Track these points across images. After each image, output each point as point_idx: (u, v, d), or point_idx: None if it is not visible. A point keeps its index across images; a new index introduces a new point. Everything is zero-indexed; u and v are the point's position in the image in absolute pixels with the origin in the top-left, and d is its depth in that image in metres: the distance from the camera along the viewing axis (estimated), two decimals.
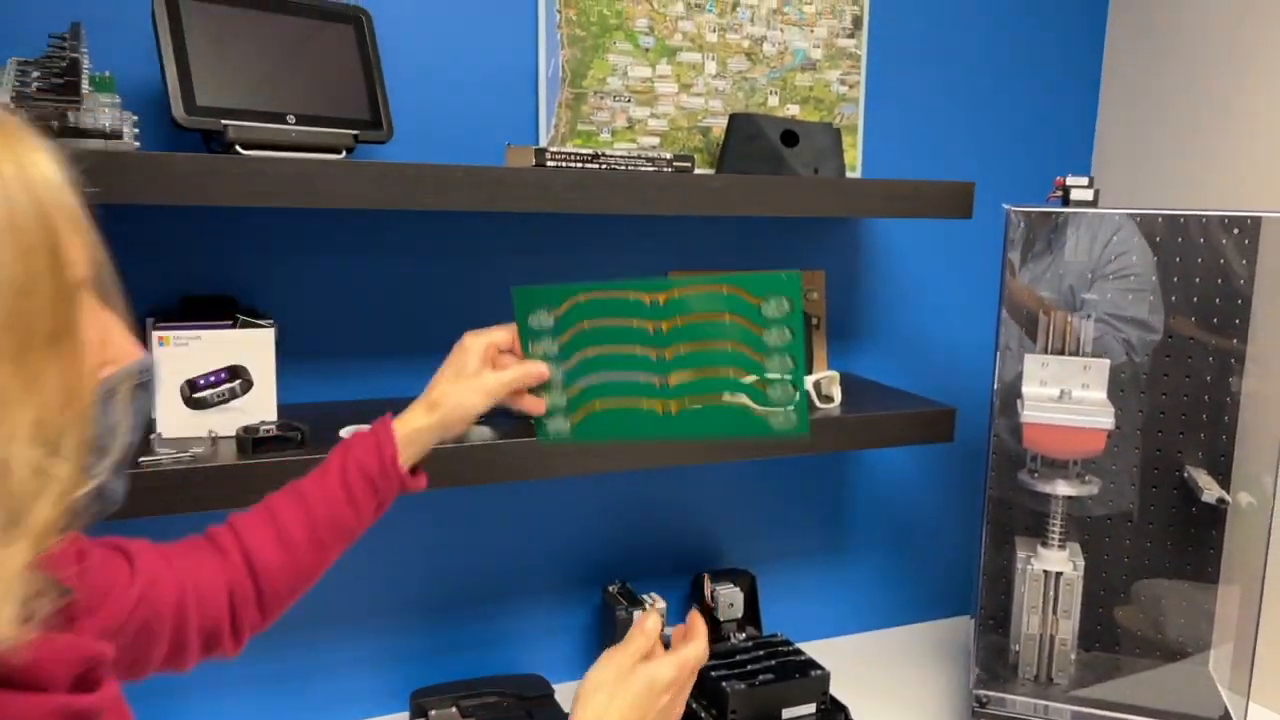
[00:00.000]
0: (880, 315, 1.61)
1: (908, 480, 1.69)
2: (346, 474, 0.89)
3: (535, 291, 0.94)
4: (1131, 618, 1.41)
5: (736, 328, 0.90)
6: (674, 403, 0.93)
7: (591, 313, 0.93)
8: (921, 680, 1.53)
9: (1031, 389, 1.27)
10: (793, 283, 0.89)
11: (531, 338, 0.94)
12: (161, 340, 1.06)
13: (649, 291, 0.92)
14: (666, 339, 0.92)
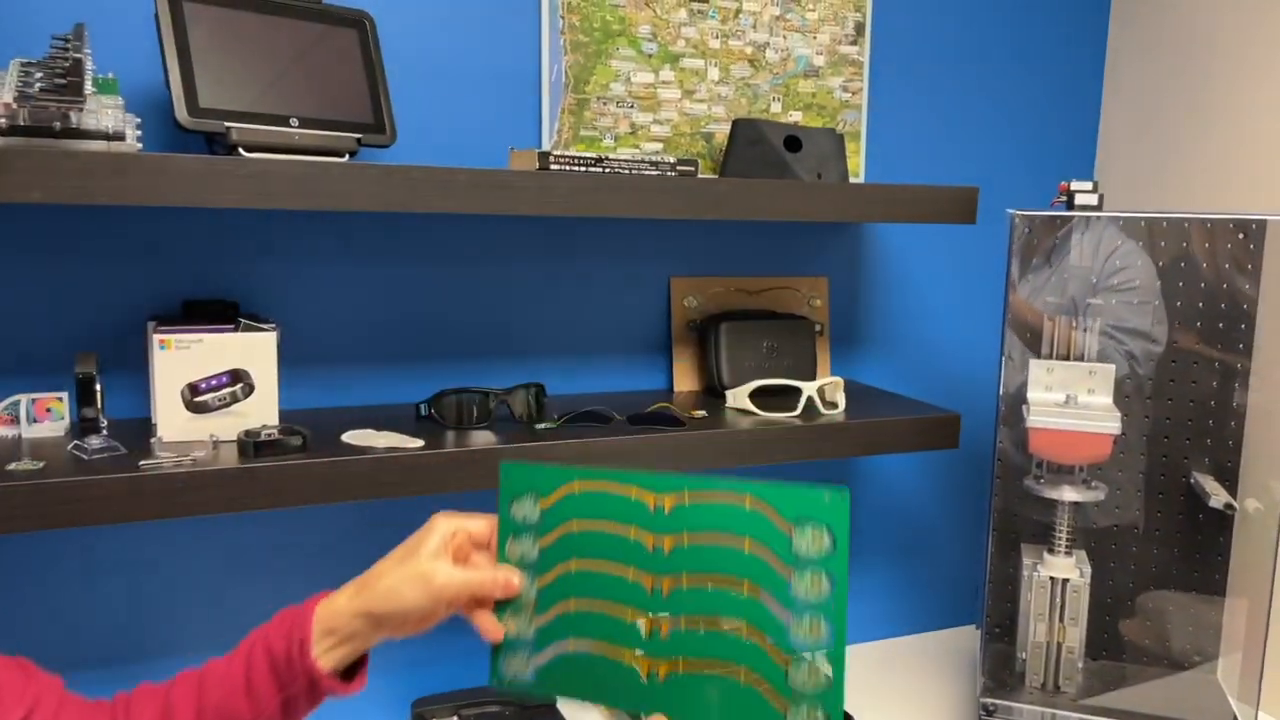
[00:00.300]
0: (883, 322, 1.61)
1: (912, 489, 1.68)
2: (252, 656, 0.75)
3: (526, 471, 0.80)
4: (1138, 626, 1.39)
5: (757, 564, 0.72)
6: (663, 663, 0.73)
7: (584, 510, 0.77)
8: (928, 689, 1.51)
9: (1037, 394, 1.26)
10: (838, 506, 0.70)
11: (512, 532, 0.79)
12: (163, 343, 1.05)
13: (655, 491, 0.76)
14: (667, 563, 0.74)
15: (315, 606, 0.76)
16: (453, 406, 1.19)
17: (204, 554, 1.25)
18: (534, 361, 1.38)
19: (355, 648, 0.76)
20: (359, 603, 0.74)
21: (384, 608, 0.74)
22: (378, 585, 0.74)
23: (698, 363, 1.47)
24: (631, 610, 0.75)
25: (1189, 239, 1.30)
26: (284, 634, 0.75)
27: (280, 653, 0.74)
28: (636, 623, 0.75)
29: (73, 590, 1.20)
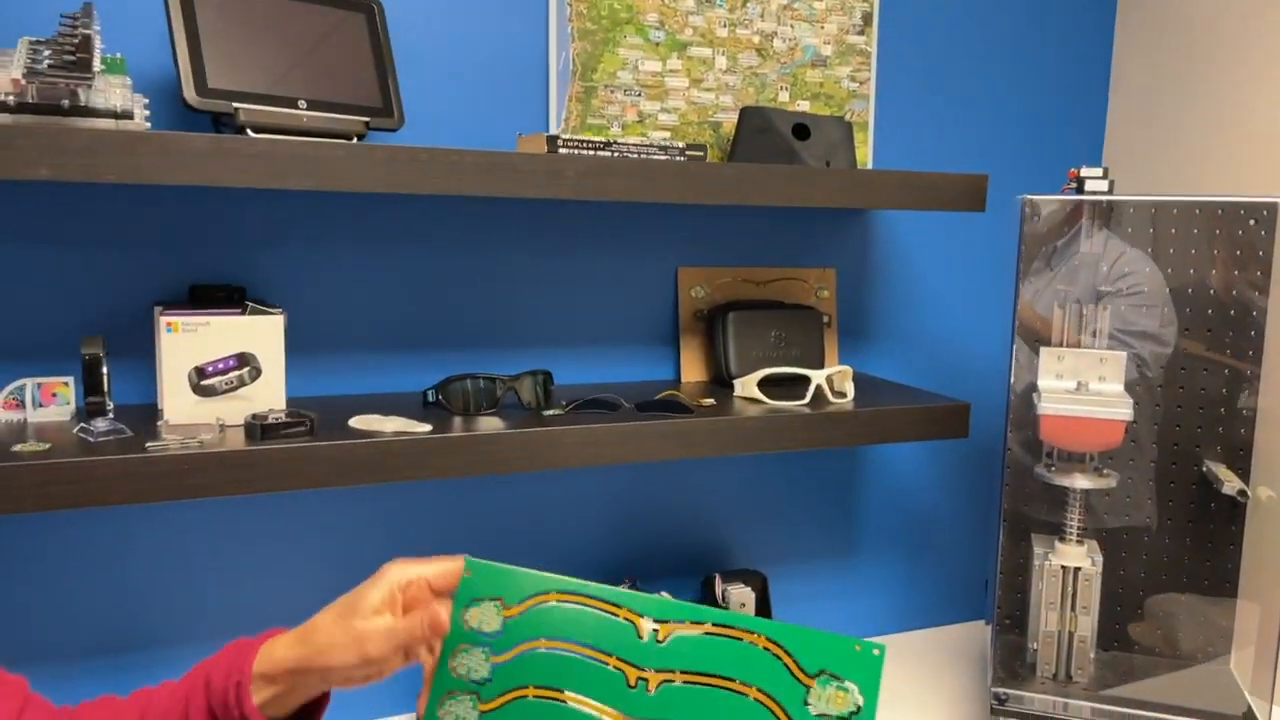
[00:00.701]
0: (891, 314, 1.60)
1: (919, 484, 1.67)
2: (191, 691, 0.71)
3: (494, 571, 0.67)
4: (1150, 617, 1.38)
5: (762, 718, 0.59)
6: None
7: (558, 627, 0.65)
8: (937, 683, 1.50)
9: (1047, 382, 1.25)
10: (870, 663, 0.58)
11: (462, 642, 0.67)
12: (170, 325, 1.05)
13: (645, 614, 0.64)
14: (648, 706, 0.62)
15: (260, 647, 0.71)
16: (460, 393, 1.18)
17: (210, 540, 1.24)
18: (540, 352, 1.37)
19: (299, 697, 0.71)
20: (295, 655, 0.69)
21: (319, 665, 0.68)
22: (314, 640, 0.69)
23: (705, 353, 1.46)
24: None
25: (1198, 226, 1.29)
26: (224, 672, 0.70)
27: (219, 691, 0.69)
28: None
29: (75, 576, 1.19)
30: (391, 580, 0.70)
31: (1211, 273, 1.29)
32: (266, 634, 0.72)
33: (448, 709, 0.66)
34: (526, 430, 1.12)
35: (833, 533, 1.62)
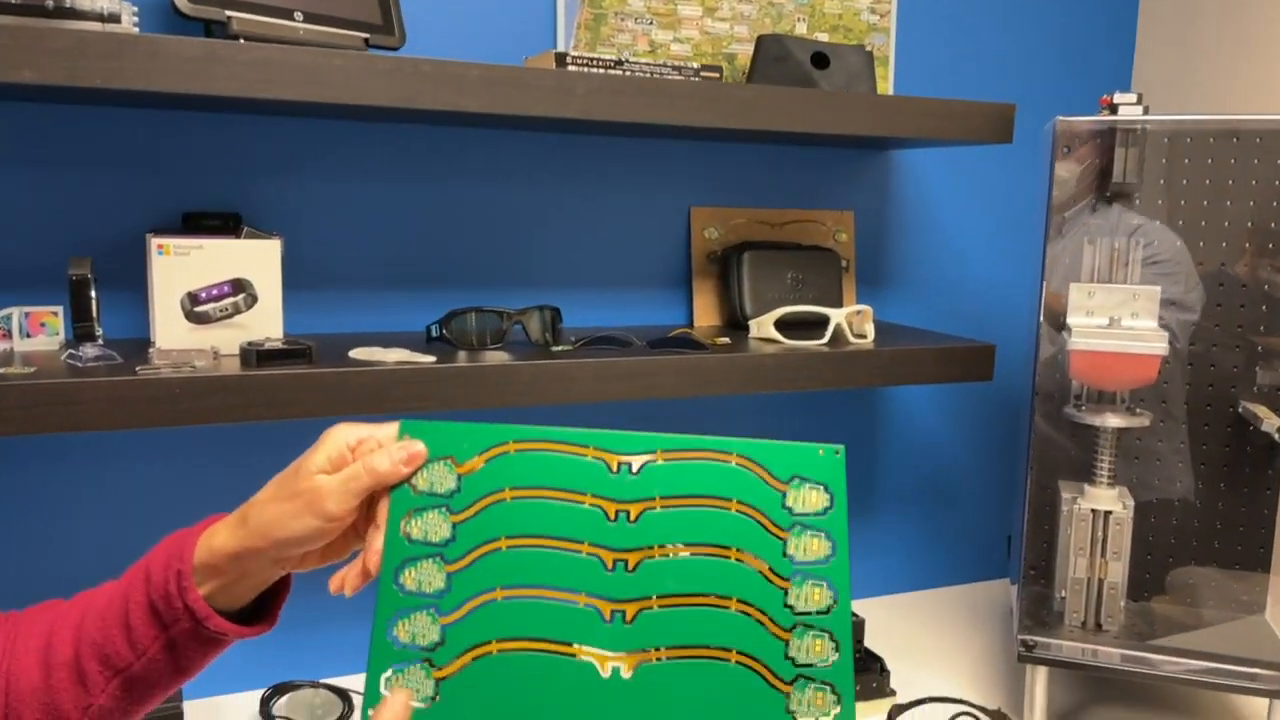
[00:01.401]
0: (911, 258, 1.55)
1: (941, 436, 1.62)
2: (130, 590, 0.64)
3: (438, 430, 0.63)
4: (1183, 566, 1.33)
5: (746, 527, 0.62)
6: (628, 657, 0.60)
7: (522, 475, 0.62)
8: (960, 639, 1.45)
9: (1077, 319, 1.20)
10: (834, 463, 0.63)
11: (411, 508, 0.62)
12: (161, 248, 1.00)
13: (617, 450, 0.63)
14: (632, 534, 0.61)
15: (199, 536, 0.64)
16: (464, 326, 1.13)
17: (203, 470, 1.20)
18: (547, 293, 1.33)
19: (251, 586, 0.65)
20: (238, 539, 0.62)
21: (268, 541, 0.62)
22: (259, 518, 0.62)
23: (719, 296, 1.41)
24: (585, 594, 0.61)
25: (1235, 152, 1.23)
26: (163, 564, 0.63)
27: (158, 584, 0.62)
28: (592, 608, 0.61)
29: (62, 505, 1.15)
30: (337, 440, 0.63)
31: (1250, 203, 1.24)
32: (206, 521, 0.65)
33: (408, 573, 0.63)
34: (536, 362, 1.08)
35: (851, 487, 1.57)
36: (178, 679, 0.66)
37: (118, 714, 0.65)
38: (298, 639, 1.26)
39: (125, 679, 0.63)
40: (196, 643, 0.64)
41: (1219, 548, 1.32)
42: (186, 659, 0.65)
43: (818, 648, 0.61)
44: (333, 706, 1.15)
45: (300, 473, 0.63)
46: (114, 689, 0.63)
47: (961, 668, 1.36)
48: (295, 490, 0.62)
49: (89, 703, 0.63)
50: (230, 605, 0.66)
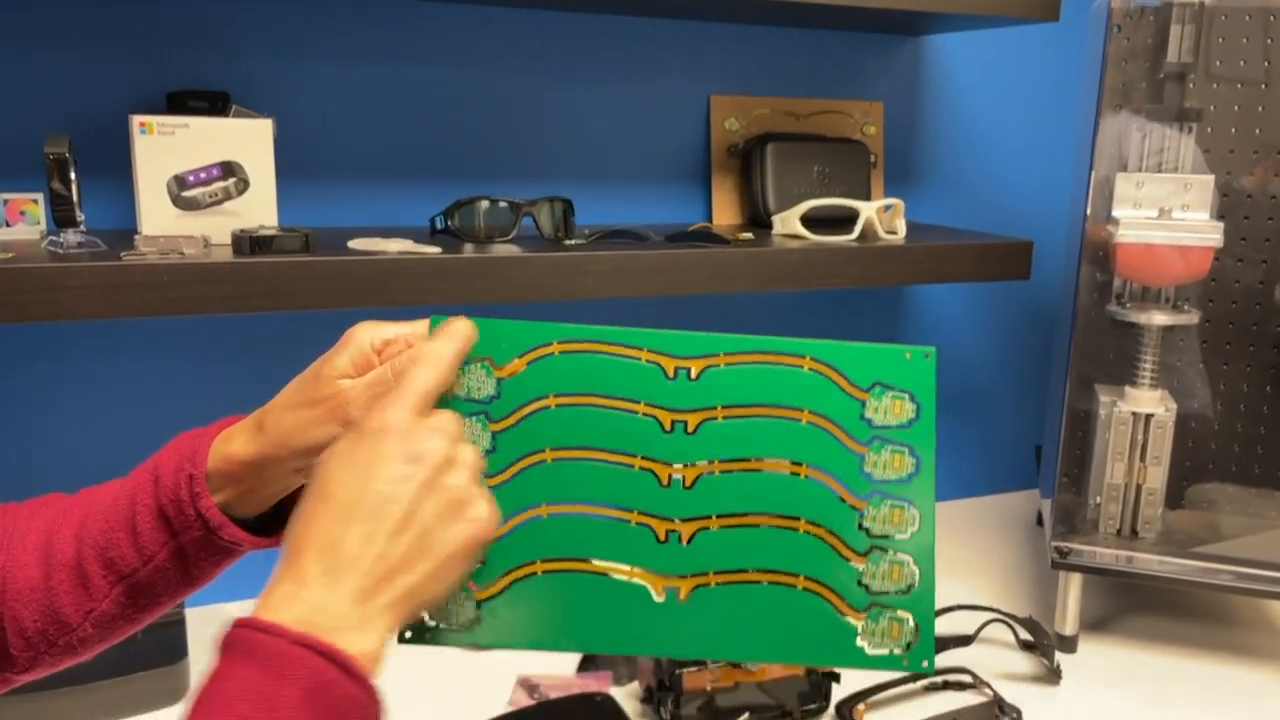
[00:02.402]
0: (943, 153, 1.46)
1: (972, 343, 1.55)
2: (137, 491, 0.59)
3: (475, 328, 0.57)
4: (1224, 475, 1.28)
5: (820, 440, 0.56)
6: (686, 579, 0.55)
7: (567, 380, 0.56)
8: (988, 549, 1.41)
9: (1125, 211, 1.12)
10: (922, 368, 0.57)
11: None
12: (144, 126, 0.93)
13: (674, 354, 0.56)
14: (692, 446, 0.56)
15: (213, 439, 0.59)
16: (472, 217, 1.06)
17: (192, 365, 1.14)
18: (558, 187, 1.25)
19: (268, 495, 0.60)
20: (256, 446, 0.58)
21: (287, 450, 0.57)
22: (277, 425, 0.57)
23: (739, 193, 1.33)
24: (638, 513, 0.56)
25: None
26: (174, 466, 0.58)
27: (169, 488, 0.58)
28: (645, 527, 0.56)
29: (45, 398, 1.10)
30: (360, 341, 0.57)
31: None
32: (219, 424, 0.61)
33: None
34: (547, 255, 1.01)
35: None
36: (186, 588, 0.61)
37: (121, 621, 0.60)
38: None
39: (130, 585, 0.59)
40: (208, 551, 0.59)
41: (1259, 457, 1.26)
42: (196, 568, 0.60)
43: (895, 574, 0.56)
44: None
45: (321, 377, 0.57)
46: (118, 595, 0.59)
47: (991, 577, 1.32)
48: (316, 396, 0.57)
49: (91, 608, 0.59)
50: (245, 513, 0.61)
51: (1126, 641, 1.17)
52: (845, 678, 0.99)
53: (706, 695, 0.94)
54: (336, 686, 0.45)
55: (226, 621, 0.48)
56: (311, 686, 0.45)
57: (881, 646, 0.55)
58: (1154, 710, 1.03)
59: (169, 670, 0.98)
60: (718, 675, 0.93)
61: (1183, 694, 1.06)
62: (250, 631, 0.47)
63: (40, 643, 0.58)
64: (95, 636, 0.59)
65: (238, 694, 0.45)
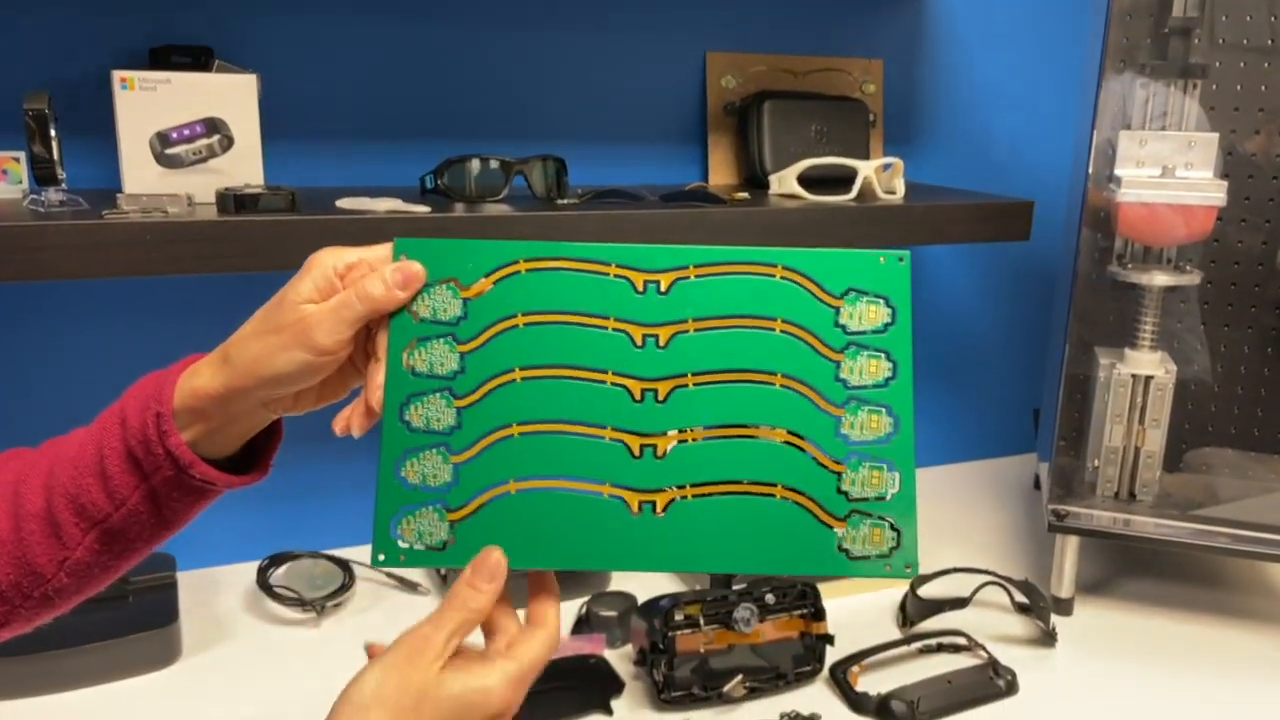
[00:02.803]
0: (943, 113, 1.44)
1: (970, 306, 1.54)
2: (104, 435, 0.58)
3: (436, 248, 0.56)
4: (1223, 438, 1.27)
5: (793, 349, 0.55)
6: (661, 494, 0.55)
7: (534, 298, 0.55)
8: (984, 513, 1.41)
9: (1127, 170, 1.11)
10: (896, 272, 0.56)
11: (414, 337, 0.56)
12: (125, 82, 0.91)
13: (643, 268, 0.55)
14: (663, 360, 0.55)
15: (178, 376, 0.58)
16: (462, 176, 1.04)
17: (175, 325, 1.13)
18: (550, 147, 1.22)
19: (239, 431, 0.59)
20: (223, 378, 0.56)
21: (255, 380, 0.55)
22: (242, 355, 0.56)
23: (736, 153, 1.31)
24: (611, 429, 0.55)
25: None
26: (140, 406, 0.57)
27: (136, 428, 0.56)
28: (618, 443, 0.55)
29: (23, 358, 1.08)
30: (324, 266, 0.56)
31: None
32: (183, 362, 0.59)
33: (414, 409, 0.57)
34: (539, 213, 0.99)
35: None
36: (161, 532, 0.60)
37: (97, 569, 0.59)
38: (295, 509, 1.21)
39: (103, 531, 0.58)
40: (180, 492, 0.58)
41: (1259, 420, 1.26)
42: (170, 510, 0.58)
43: (875, 479, 0.55)
44: (333, 576, 1.11)
45: (285, 303, 0.56)
46: (91, 541, 0.58)
47: (986, 541, 1.31)
48: (280, 323, 0.55)
49: (65, 556, 0.58)
50: (217, 453, 0.59)
51: (1123, 604, 1.17)
52: (839, 640, 0.99)
53: (700, 657, 0.93)
54: None
55: None
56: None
57: (863, 552, 0.55)
58: (1150, 672, 1.03)
59: (161, 633, 0.98)
60: (711, 637, 0.93)
61: (1179, 656, 1.06)
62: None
63: (15, 596, 0.57)
64: (71, 586, 0.58)
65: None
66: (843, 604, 1.11)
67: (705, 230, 1.06)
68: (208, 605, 1.08)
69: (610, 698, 0.94)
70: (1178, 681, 1.02)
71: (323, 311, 0.55)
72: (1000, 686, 0.97)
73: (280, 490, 1.19)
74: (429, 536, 0.56)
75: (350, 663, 0.54)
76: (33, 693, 0.92)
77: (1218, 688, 1.00)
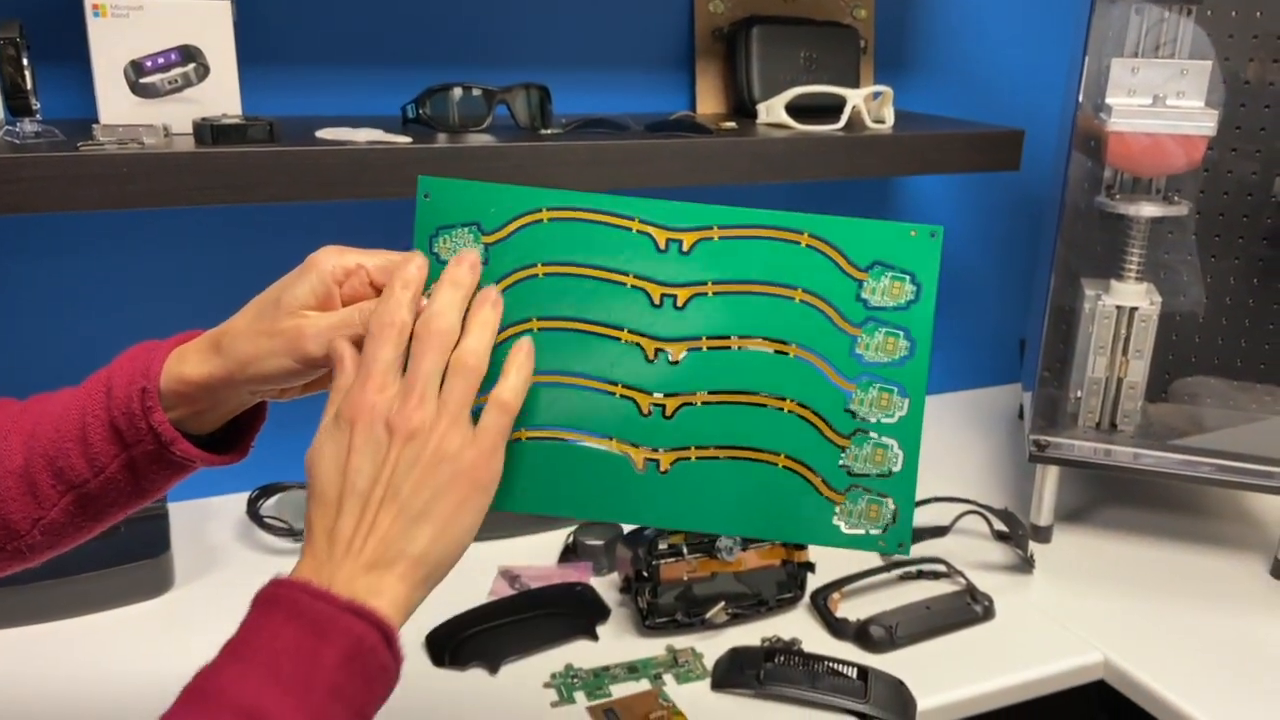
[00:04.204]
0: (937, 38, 1.42)
1: (958, 236, 1.53)
2: (89, 401, 0.58)
3: (461, 190, 0.56)
4: (1206, 367, 1.28)
5: (811, 319, 0.54)
6: (666, 454, 0.55)
7: (556, 248, 0.55)
8: (969, 443, 1.42)
9: (1119, 99, 1.09)
10: (928, 248, 0.55)
11: (435, 279, 0.55)
12: (96, 8, 0.89)
13: (667, 224, 0.55)
14: (678, 322, 0.55)
15: (168, 353, 0.58)
16: (444, 106, 1.03)
17: (153, 262, 1.12)
18: (534, 74, 1.20)
19: (223, 414, 0.60)
20: (211, 368, 0.56)
21: (244, 375, 0.56)
22: (233, 350, 0.56)
23: (724, 81, 1.29)
24: (622, 386, 0.55)
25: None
26: (127, 378, 0.57)
27: (121, 400, 0.56)
28: (628, 399, 0.55)
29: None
30: (324, 270, 0.55)
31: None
32: (175, 338, 0.59)
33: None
34: (523, 144, 0.98)
35: None
36: (137, 500, 0.61)
37: (70, 529, 0.60)
38: (285, 441, 1.21)
39: (79, 495, 0.58)
40: (159, 465, 0.59)
41: (1242, 351, 1.26)
42: (148, 481, 0.59)
43: (878, 457, 0.56)
44: None
45: (281, 306, 0.56)
46: (67, 504, 0.59)
47: (968, 471, 1.33)
48: (275, 327, 0.55)
49: (39, 516, 0.58)
50: (199, 430, 0.60)
51: (1101, 532, 1.19)
52: (820, 568, 1.01)
53: (684, 585, 0.95)
54: (375, 654, 0.47)
55: (269, 579, 0.50)
56: (352, 651, 0.47)
57: (858, 527, 0.56)
58: (1125, 598, 1.05)
59: (152, 563, 0.99)
60: (694, 566, 0.95)
61: (1154, 583, 1.08)
62: (296, 592, 0.48)
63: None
64: (44, 544, 0.59)
65: (279, 648, 0.46)
66: None
67: (690, 161, 1.05)
68: (199, 536, 1.10)
69: (596, 624, 0.96)
70: (1153, 608, 1.04)
71: (320, 326, 0.55)
72: (977, 612, 1.00)
73: (270, 422, 1.19)
74: None
75: None
76: (25, 621, 0.94)
77: (1193, 615, 1.03)
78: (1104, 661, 0.96)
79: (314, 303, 0.56)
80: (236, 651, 0.47)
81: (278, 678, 0.45)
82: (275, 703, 0.45)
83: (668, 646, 0.93)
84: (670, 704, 0.86)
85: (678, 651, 0.92)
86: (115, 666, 0.89)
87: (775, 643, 0.94)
